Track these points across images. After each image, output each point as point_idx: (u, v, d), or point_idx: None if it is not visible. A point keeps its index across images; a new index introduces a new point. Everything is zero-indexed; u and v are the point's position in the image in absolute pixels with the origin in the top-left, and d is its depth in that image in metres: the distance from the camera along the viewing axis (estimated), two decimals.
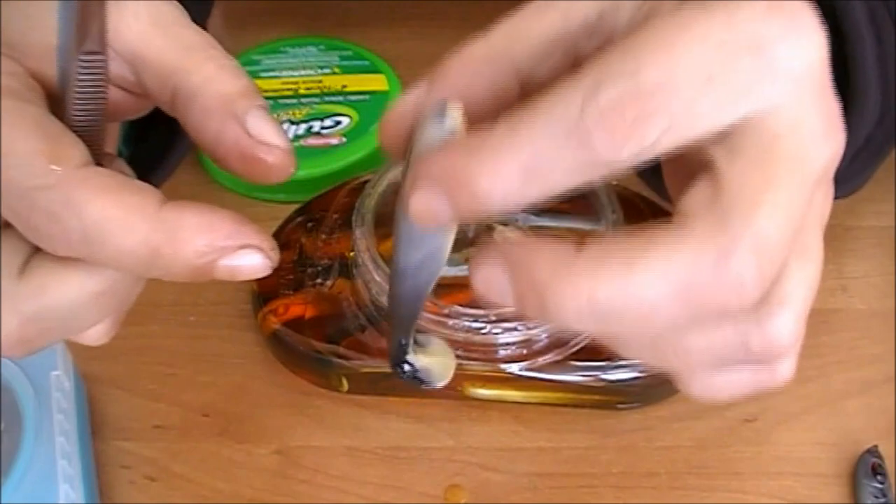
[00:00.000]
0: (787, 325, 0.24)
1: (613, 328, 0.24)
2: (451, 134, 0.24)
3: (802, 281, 0.25)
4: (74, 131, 0.25)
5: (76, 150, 0.25)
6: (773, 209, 0.22)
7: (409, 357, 0.30)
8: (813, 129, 0.23)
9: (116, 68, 0.27)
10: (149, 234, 0.24)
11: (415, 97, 0.26)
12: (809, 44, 0.23)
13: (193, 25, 0.28)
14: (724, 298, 0.22)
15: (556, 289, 0.23)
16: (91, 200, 0.24)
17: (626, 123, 0.21)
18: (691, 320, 0.23)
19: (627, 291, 0.22)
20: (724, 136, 0.23)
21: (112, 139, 0.33)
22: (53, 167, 0.24)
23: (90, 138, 0.26)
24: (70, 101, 0.25)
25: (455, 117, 0.24)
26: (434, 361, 0.31)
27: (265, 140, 0.26)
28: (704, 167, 0.23)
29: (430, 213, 0.23)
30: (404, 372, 0.30)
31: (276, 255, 0.26)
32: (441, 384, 0.31)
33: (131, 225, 0.24)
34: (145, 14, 0.27)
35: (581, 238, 0.23)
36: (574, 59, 0.25)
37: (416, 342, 0.30)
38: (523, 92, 0.26)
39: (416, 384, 0.31)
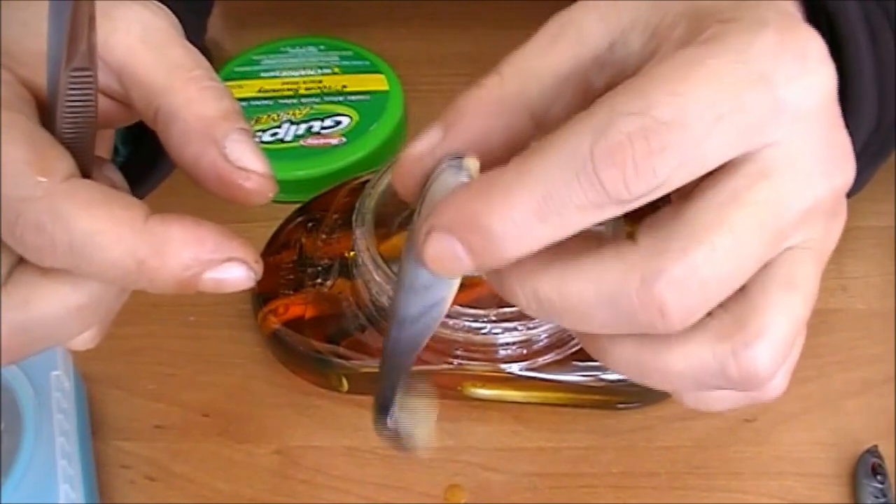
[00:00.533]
0: (763, 355, 0.25)
1: (560, 321, 0.25)
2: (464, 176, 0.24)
3: (785, 312, 0.25)
4: (63, 142, 0.25)
5: (63, 163, 0.25)
6: (711, 250, 0.23)
7: (393, 414, 0.29)
8: (808, 167, 0.24)
9: (105, 79, 0.27)
10: (136, 247, 0.24)
11: (429, 142, 0.26)
12: (819, 80, 0.23)
13: (184, 43, 0.28)
14: (648, 319, 0.23)
15: (508, 279, 0.24)
16: (79, 213, 0.24)
17: (636, 162, 0.22)
18: (629, 330, 0.24)
19: (561, 290, 0.24)
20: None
21: (108, 140, 0.33)
22: (40, 179, 0.24)
23: (79, 149, 0.26)
24: (59, 114, 0.25)
25: (472, 169, 0.24)
26: (418, 425, 0.29)
27: (243, 165, 0.26)
28: (681, 191, 0.24)
29: (445, 259, 0.23)
30: (386, 427, 0.29)
31: (259, 268, 0.26)
32: (419, 452, 0.30)
33: (118, 237, 0.24)
34: (137, 29, 0.27)
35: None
36: (586, 94, 0.25)
37: (403, 399, 0.29)
38: (538, 131, 0.26)
39: (393, 444, 0.29)
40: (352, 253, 0.44)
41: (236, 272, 0.26)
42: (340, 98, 0.55)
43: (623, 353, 0.26)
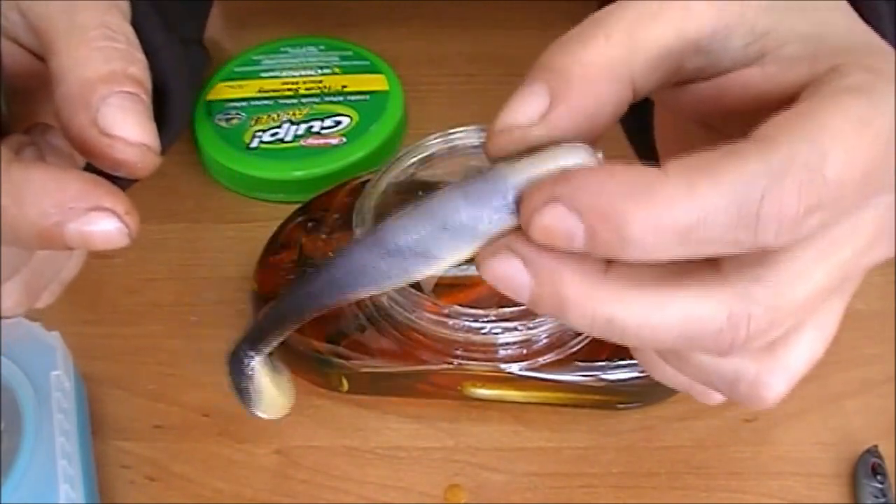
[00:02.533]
0: (777, 387, 0.26)
1: (622, 342, 0.24)
2: (593, 161, 0.23)
3: (810, 353, 0.26)
4: None
5: None
6: (794, 300, 0.23)
7: (253, 363, 0.27)
8: (887, 230, 0.24)
9: (28, 38, 0.26)
10: None
11: (534, 110, 0.24)
12: None
13: (103, 6, 0.27)
14: (722, 350, 0.24)
15: (579, 305, 0.23)
16: None
17: (797, 219, 0.21)
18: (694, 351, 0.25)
19: (643, 323, 0.23)
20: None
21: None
22: None
23: None
24: None
25: (599, 156, 0.23)
26: (272, 390, 0.27)
27: (113, 132, 0.25)
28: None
29: (556, 234, 0.22)
30: (237, 374, 0.27)
31: (133, 221, 0.24)
32: (257, 414, 0.27)
33: None
34: None
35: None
36: (672, 76, 0.25)
37: (271, 357, 0.26)
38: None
39: (235, 393, 0.27)
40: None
41: (105, 224, 0.24)
42: (340, 98, 0.55)
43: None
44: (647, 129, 0.33)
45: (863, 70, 0.23)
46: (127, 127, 0.25)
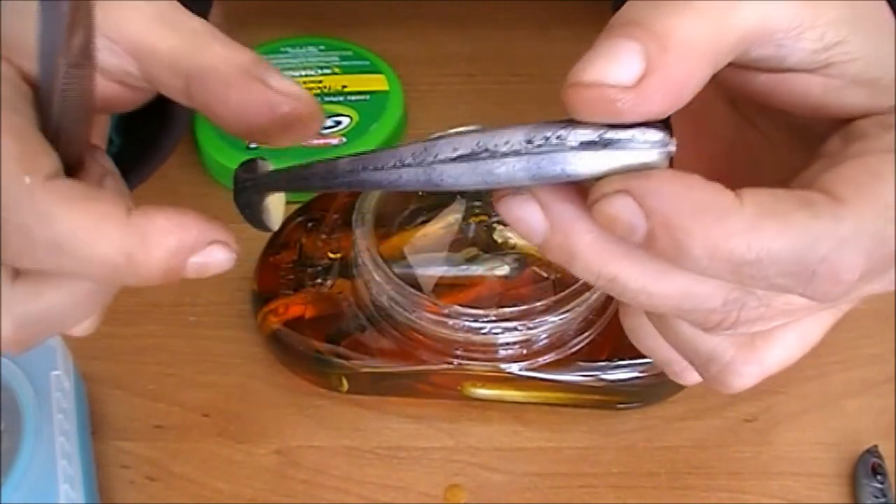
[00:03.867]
0: (747, 378, 0.27)
1: (618, 298, 0.25)
2: (667, 156, 0.22)
3: (787, 354, 0.26)
4: (57, 136, 0.25)
5: (48, 160, 0.25)
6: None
7: (266, 199, 0.28)
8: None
9: (117, 63, 0.27)
10: (122, 240, 0.24)
11: (630, 72, 0.21)
12: None
13: (194, 16, 0.28)
14: (716, 325, 0.24)
15: (587, 260, 0.23)
16: (60, 210, 0.24)
17: (852, 284, 0.22)
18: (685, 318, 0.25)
19: (643, 289, 0.23)
20: None
21: (102, 128, 0.33)
22: (25, 177, 0.24)
23: (72, 142, 0.26)
24: (55, 109, 0.25)
25: (673, 147, 0.22)
26: (278, 205, 0.29)
27: (291, 93, 0.26)
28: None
29: (618, 223, 0.22)
30: (250, 210, 0.28)
31: (236, 248, 0.27)
32: (268, 225, 0.29)
33: (104, 233, 0.24)
34: (148, 10, 0.27)
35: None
36: (740, 59, 0.24)
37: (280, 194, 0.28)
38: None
39: (244, 212, 0.29)
40: (352, 253, 0.44)
41: (220, 255, 0.26)
42: (340, 98, 0.55)
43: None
44: None
45: None
46: (296, 88, 0.26)
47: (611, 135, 0.22)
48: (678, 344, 0.27)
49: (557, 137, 0.22)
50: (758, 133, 0.28)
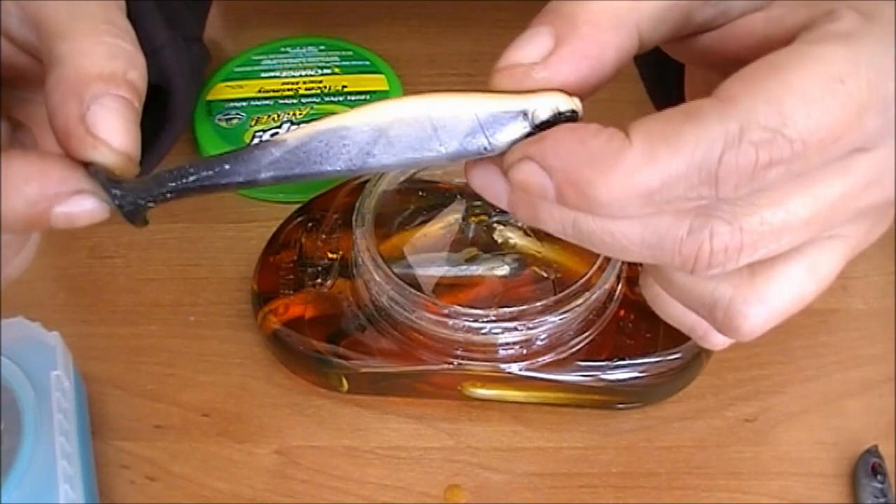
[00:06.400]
0: (754, 318, 0.25)
1: (593, 247, 0.25)
2: (574, 117, 0.24)
3: (795, 291, 0.25)
4: None
5: None
6: (761, 221, 0.23)
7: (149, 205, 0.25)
8: (881, 171, 0.24)
9: (23, 32, 0.27)
10: None
11: (538, 50, 0.24)
12: None
13: (108, 4, 0.27)
14: (684, 262, 0.24)
15: (548, 209, 0.24)
16: None
17: (755, 174, 0.22)
18: (659, 261, 0.25)
19: (605, 229, 0.24)
20: None
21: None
22: None
23: None
24: None
25: (580, 112, 0.24)
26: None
27: (99, 134, 0.25)
28: None
29: (531, 188, 0.23)
30: (133, 217, 0.25)
31: (106, 199, 0.25)
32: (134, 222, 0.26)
33: None
34: None
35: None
36: (681, 28, 0.25)
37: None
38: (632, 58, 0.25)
39: (129, 208, 0.25)
40: (352, 253, 0.44)
41: (87, 204, 0.25)
42: (340, 98, 0.55)
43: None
44: (669, 87, 0.33)
45: (856, 14, 0.23)
46: (114, 132, 0.25)
47: (524, 106, 0.24)
48: (682, 297, 0.27)
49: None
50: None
